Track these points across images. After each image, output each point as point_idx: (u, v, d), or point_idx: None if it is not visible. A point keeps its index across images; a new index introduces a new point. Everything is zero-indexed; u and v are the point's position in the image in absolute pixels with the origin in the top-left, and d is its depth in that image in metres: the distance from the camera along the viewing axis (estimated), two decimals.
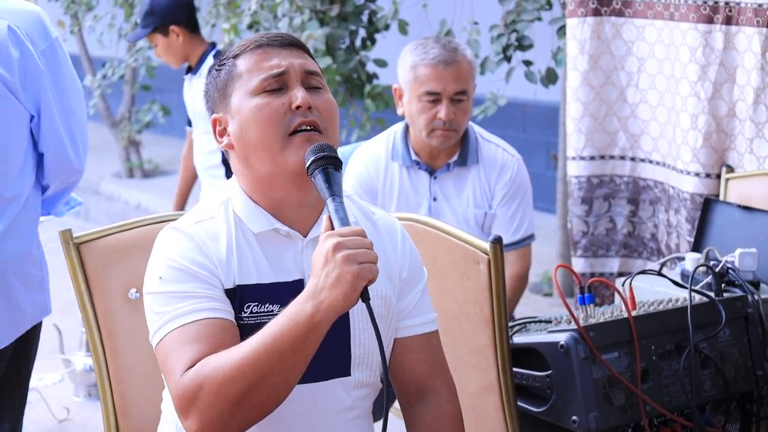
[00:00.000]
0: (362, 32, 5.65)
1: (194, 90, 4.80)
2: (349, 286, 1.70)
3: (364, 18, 5.60)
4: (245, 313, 1.89)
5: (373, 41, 5.67)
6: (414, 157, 3.46)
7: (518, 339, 2.36)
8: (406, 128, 3.49)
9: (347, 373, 1.95)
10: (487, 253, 2.32)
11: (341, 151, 3.83)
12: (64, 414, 4.39)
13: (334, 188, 1.81)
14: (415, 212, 3.35)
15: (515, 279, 3.44)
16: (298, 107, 1.89)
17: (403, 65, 3.42)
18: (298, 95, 1.89)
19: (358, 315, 1.95)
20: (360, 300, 1.73)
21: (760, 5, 3.38)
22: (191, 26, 4.87)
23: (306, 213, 1.95)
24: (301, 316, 1.72)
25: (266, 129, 1.88)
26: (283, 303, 1.87)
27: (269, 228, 1.93)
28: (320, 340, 1.75)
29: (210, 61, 4.77)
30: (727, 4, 3.47)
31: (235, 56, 1.96)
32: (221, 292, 1.88)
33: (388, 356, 2.04)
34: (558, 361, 2.23)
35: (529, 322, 2.48)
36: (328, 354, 1.90)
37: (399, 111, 3.48)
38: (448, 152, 3.45)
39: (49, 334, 3.89)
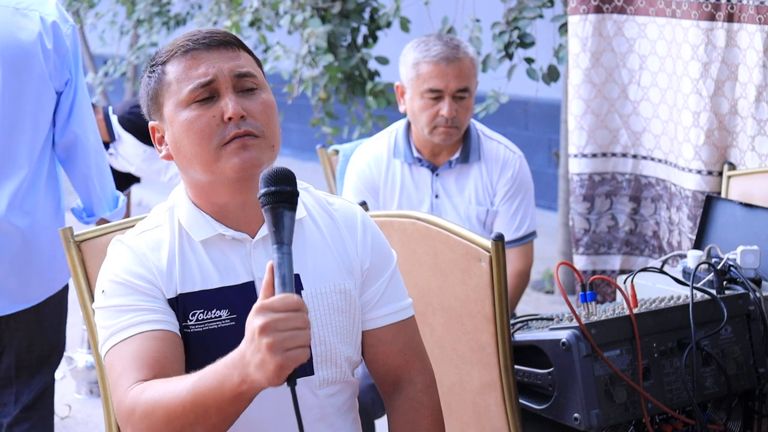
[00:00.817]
0: (364, 29, 5.66)
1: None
2: (273, 374, 1.60)
3: (366, 15, 5.61)
4: (191, 320, 1.88)
5: (375, 38, 5.67)
6: (416, 154, 3.46)
7: (520, 336, 2.36)
8: (408, 125, 3.49)
9: (310, 372, 1.93)
10: (488, 251, 2.32)
11: (343, 149, 3.83)
12: (66, 411, 4.40)
13: (281, 234, 1.65)
14: (417, 209, 3.35)
15: (517, 276, 3.44)
16: (230, 118, 1.85)
17: (406, 62, 3.42)
18: (229, 106, 1.84)
19: (316, 312, 1.92)
20: (286, 384, 1.64)
21: (762, 2, 3.38)
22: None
23: (252, 213, 1.92)
24: (228, 381, 1.67)
25: (199, 142, 1.85)
26: (232, 307, 1.88)
27: (213, 234, 1.90)
28: (248, 404, 1.72)
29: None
30: (729, 1, 3.47)
31: (164, 62, 1.90)
32: (163, 303, 1.87)
33: (359, 349, 2.01)
34: (560, 359, 2.23)
35: (531, 320, 2.48)
36: None
37: (401, 108, 3.48)
38: (450, 149, 3.45)
39: None
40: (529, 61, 5.01)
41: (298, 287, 1.90)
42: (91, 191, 3.04)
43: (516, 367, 2.35)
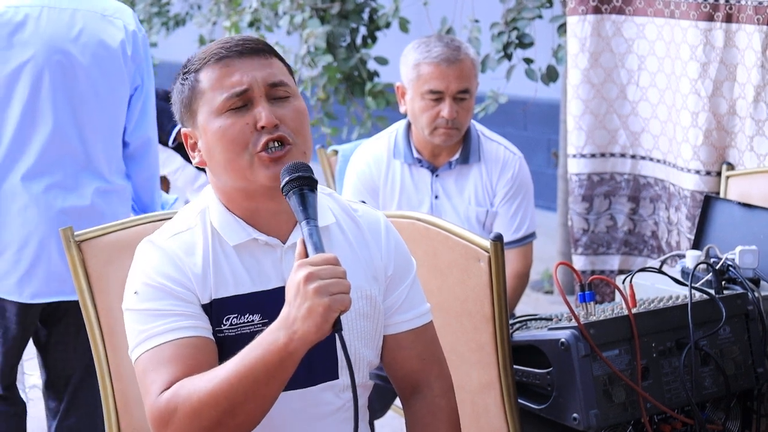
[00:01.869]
0: (363, 30, 5.66)
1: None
2: (321, 318, 1.69)
3: (365, 16, 5.61)
4: (225, 325, 1.89)
5: (374, 39, 5.67)
6: (416, 154, 3.46)
7: (519, 336, 2.36)
8: (408, 126, 3.49)
9: (335, 377, 1.95)
10: (488, 251, 2.33)
11: (342, 150, 3.84)
12: None
13: (308, 211, 1.78)
14: (417, 210, 3.35)
15: (516, 277, 3.44)
16: (263, 127, 1.86)
17: (406, 63, 3.42)
18: (263, 115, 1.86)
19: (343, 318, 1.92)
20: (333, 330, 1.71)
21: (760, 3, 3.38)
22: None
23: (283, 219, 1.93)
24: (274, 345, 1.71)
25: (233, 150, 1.86)
26: (264, 312, 1.89)
27: (246, 239, 1.92)
28: (294, 368, 1.75)
29: None
30: (727, 1, 3.48)
31: (197, 70, 1.91)
32: (198, 308, 1.87)
33: (379, 353, 2.04)
34: (558, 359, 2.23)
35: (530, 320, 2.48)
36: (315, 358, 1.89)
37: (401, 109, 3.48)
38: (450, 150, 3.45)
39: None
40: (528, 61, 5.01)
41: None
42: (154, 191, 3.19)
43: (515, 367, 2.35)
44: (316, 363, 1.92)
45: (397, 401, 3.58)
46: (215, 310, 1.88)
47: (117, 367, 2.23)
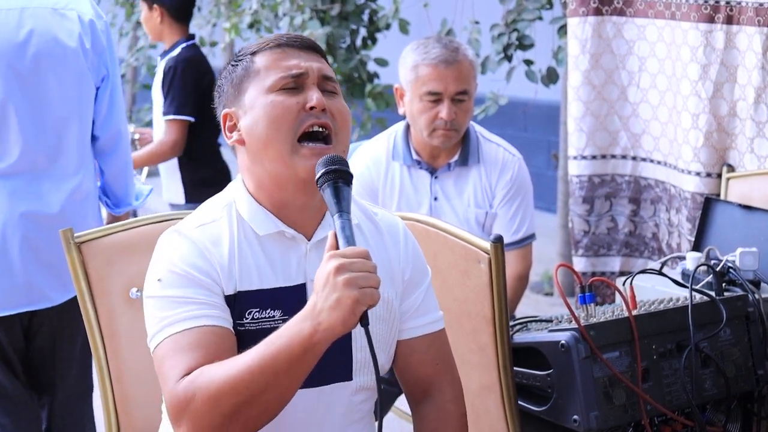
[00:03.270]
0: (363, 31, 5.66)
1: (158, 72, 4.90)
2: (348, 310, 1.68)
3: (365, 17, 5.61)
4: (246, 319, 1.88)
5: (374, 40, 5.68)
6: (415, 156, 3.45)
7: (519, 338, 2.36)
8: (407, 128, 3.49)
9: (349, 378, 1.95)
10: (487, 253, 2.32)
11: None
12: None
13: (342, 204, 1.78)
14: (416, 212, 3.35)
15: (516, 279, 3.44)
16: (312, 108, 1.88)
17: (405, 65, 3.42)
18: (314, 96, 1.89)
19: None
20: (360, 324, 1.71)
21: (761, 4, 3.38)
22: (176, 13, 4.86)
23: (310, 215, 1.94)
24: (298, 336, 1.71)
25: (277, 126, 1.87)
26: (285, 308, 1.88)
27: (275, 231, 1.91)
28: (316, 360, 1.74)
29: (178, 51, 4.78)
30: (728, 3, 3.47)
31: (254, 53, 1.95)
32: (221, 299, 1.86)
33: (391, 357, 2.04)
34: (559, 361, 2.22)
35: (530, 322, 2.48)
36: (329, 358, 1.88)
37: (400, 110, 3.48)
38: (449, 152, 3.44)
39: None
40: (528, 63, 5.01)
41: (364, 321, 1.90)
42: (128, 184, 3.14)
43: (515, 368, 2.34)
44: (330, 362, 1.90)
45: (397, 403, 3.58)
46: (239, 302, 1.88)
47: (117, 370, 2.23)
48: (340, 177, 1.80)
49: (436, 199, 3.45)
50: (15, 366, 2.99)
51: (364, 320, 1.71)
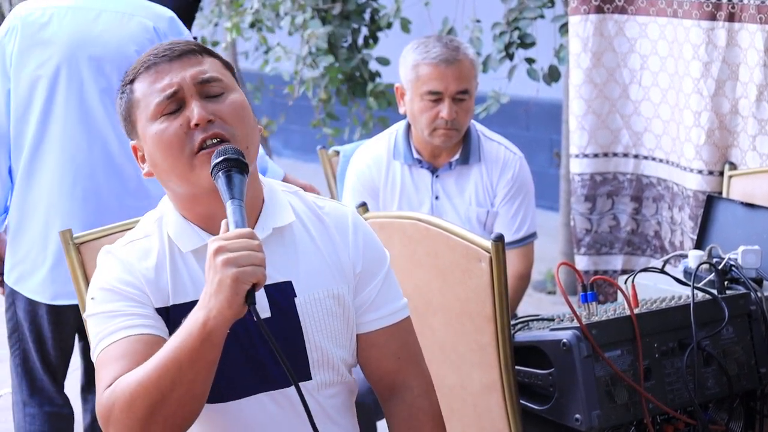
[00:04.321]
0: (364, 30, 5.66)
1: None
2: (230, 291, 1.67)
3: (367, 16, 5.61)
4: None
5: (376, 39, 5.67)
6: (416, 155, 3.45)
7: (520, 337, 2.36)
8: (408, 127, 3.48)
9: (308, 377, 1.92)
10: (489, 251, 2.32)
11: (344, 150, 3.83)
12: None
13: (233, 190, 1.77)
14: (417, 211, 3.35)
15: (517, 278, 3.43)
16: (196, 125, 1.84)
17: (405, 64, 3.41)
18: (195, 112, 1.84)
19: (309, 318, 1.92)
20: (246, 304, 1.69)
21: (762, 2, 3.37)
22: (178, 14, 4.83)
23: None
24: (194, 326, 1.71)
25: (171, 153, 1.85)
26: None
27: (201, 244, 1.89)
28: (218, 349, 1.73)
29: None
30: (730, 1, 3.47)
31: (131, 81, 1.92)
32: (151, 310, 1.86)
33: (353, 353, 2.00)
34: (560, 359, 2.22)
35: (532, 320, 2.47)
36: (286, 359, 1.88)
37: (401, 110, 3.47)
38: (450, 151, 3.44)
39: None
40: (530, 61, 5.00)
41: (290, 295, 1.90)
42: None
43: (517, 367, 2.34)
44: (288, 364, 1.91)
45: None
46: (173, 315, 1.87)
47: None
48: (232, 166, 1.79)
49: (437, 198, 3.44)
50: (53, 361, 3.08)
51: (249, 299, 1.69)
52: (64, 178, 2.95)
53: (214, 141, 1.84)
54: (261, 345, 1.89)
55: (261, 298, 1.86)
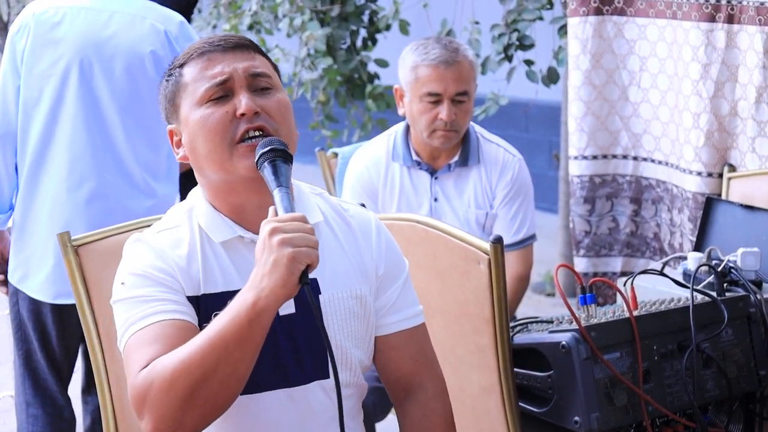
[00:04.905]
0: (363, 32, 5.65)
1: None
2: (285, 270, 1.69)
3: (365, 18, 5.60)
4: (212, 320, 1.87)
5: (374, 41, 5.67)
6: (415, 157, 3.45)
7: (519, 339, 2.35)
8: (407, 128, 3.48)
9: (326, 376, 1.93)
10: (487, 253, 2.31)
11: (342, 152, 3.83)
12: None
13: (280, 179, 1.80)
14: (416, 213, 3.34)
15: (516, 280, 3.42)
16: (242, 114, 1.87)
17: (404, 66, 3.41)
18: (242, 102, 1.87)
19: (332, 316, 1.93)
20: (300, 285, 1.71)
21: (762, 3, 3.37)
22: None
23: (268, 215, 1.92)
24: (243, 306, 1.71)
25: (213, 139, 1.87)
26: None
27: (232, 236, 1.91)
28: (265, 331, 1.74)
29: None
30: (729, 2, 3.47)
31: (181, 65, 1.94)
32: (182, 297, 1.87)
33: (371, 354, 2.02)
34: (559, 362, 2.21)
35: (531, 323, 2.47)
36: (305, 357, 1.90)
37: (400, 111, 3.47)
38: (449, 152, 3.44)
39: None
40: (529, 63, 5.00)
41: (315, 292, 1.91)
42: None
43: (515, 370, 2.34)
44: (307, 361, 1.91)
45: None
46: (203, 304, 1.88)
47: (116, 373, 2.23)
48: (277, 156, 1.82)
49: (436, 200, 3.44)
50: (58, 359, 3.09)
51: (303, 279, 1.71)
52: (71, 178, 2.96)
53: (257, 134, 1.87)
54: (284, 342, 1.90)
55: None
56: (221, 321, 1.73)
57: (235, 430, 1.91)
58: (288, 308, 1.89)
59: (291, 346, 1.90)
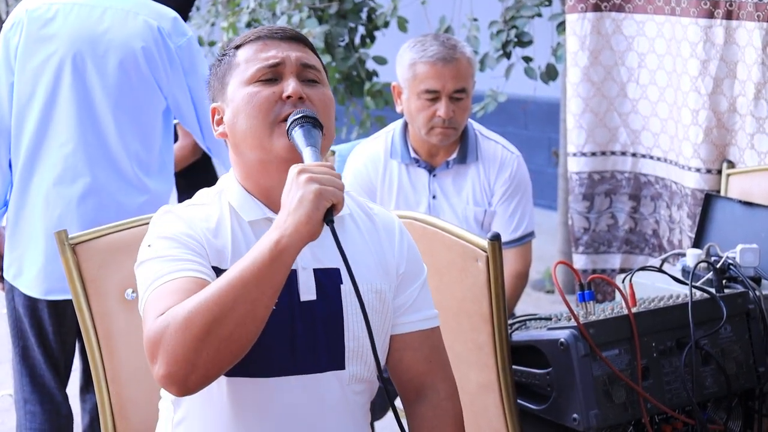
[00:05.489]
0: (361, 30, 5.65)
1: None
2: (311, 205, 1.71)
3: (363, 15, 5.59)
4: None
5: (373, 39, 5.66)
6: (413, 154, 3.44)
7: (518, 336, 2.35)
8: (405, 126, 3.47)
9: (341, 366, 1.94)
10: (485, 251, 2.31)
11: (340, 150, 3.82)
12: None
13: (309, 140, 1.84)
14: (414, 210, 3.34)
15: (515, 277, 3.42)
16: (288, 97, 1.90)
17: (402, 63, 3.40)
18: (291, 85, 1.91)
19: (351, 308, 1.94)
20: (324, 223, 1.73)
21: (760, 0, 3.37)
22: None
23: None
24: (267, 244, 1.72)
25: (255, 116, 1.90)
26: None
27: (262, 217, 1.93)
28: (286, 272, 1.74)
29: None
30: None
31: (237, 47, 1.99)
32: (208, 264, 1.87)
33: (385, 351, 2.03)
34: (558, 359, 2.21)
35: (529, 320, 2.46)
36: (321, 345, 1.90)
37: (398, 108, 3.46)
38: (448, 150, 3.43)
39: None
40: (527, 59, 4.99)
41: (337, 281, 1.93)
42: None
43: (514, 367, 2.33)
44: (322, 350, 1.91)
45: (398, 403, 3.56)
46: None
47: (113, 370, 2.23)
48: (308, 121, 1.86)
49: (434, 197, 3.43)
50: (55, 354, 3.09)
51: (327, 216, 1.73)
52: (64, 174, 2.96)
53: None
54: (301, 328, 1.90)
55: (308, 279, 1.91)
56: (243, 261, 1.73)
57: (246, 414, 1.90)
58: (309, 294, 1.91)
59: (309, 333, 1.90)
